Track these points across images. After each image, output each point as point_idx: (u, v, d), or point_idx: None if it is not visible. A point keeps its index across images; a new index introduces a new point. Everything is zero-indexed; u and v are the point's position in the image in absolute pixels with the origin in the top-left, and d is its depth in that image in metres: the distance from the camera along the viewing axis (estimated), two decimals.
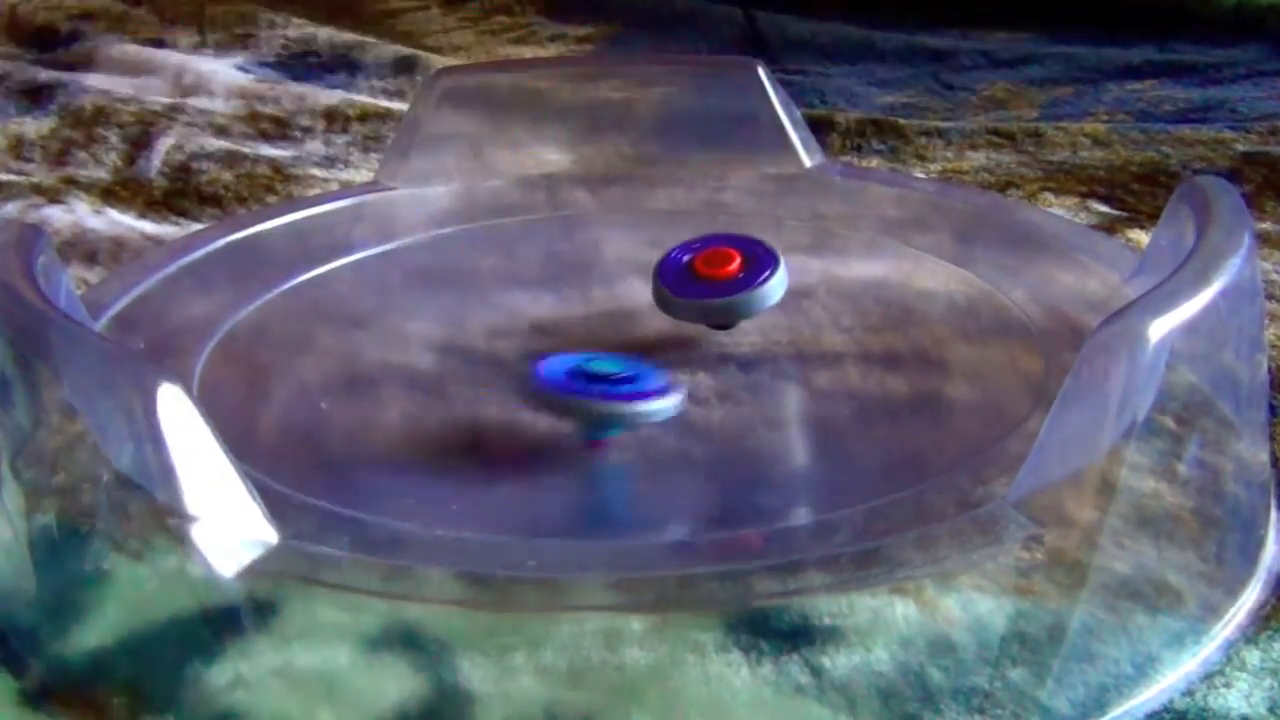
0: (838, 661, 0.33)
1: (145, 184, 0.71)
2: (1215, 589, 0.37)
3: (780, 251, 0.46)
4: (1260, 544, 0.40)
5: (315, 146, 0.77)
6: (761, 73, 0.59)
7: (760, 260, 0.45)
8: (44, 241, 0.43)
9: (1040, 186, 0.67)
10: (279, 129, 0.80)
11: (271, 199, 0.69)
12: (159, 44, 0.95)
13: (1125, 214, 0.64)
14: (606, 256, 0.54)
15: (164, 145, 0.76)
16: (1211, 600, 0.37)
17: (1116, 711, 0.34)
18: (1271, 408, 0.45)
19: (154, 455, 0.33)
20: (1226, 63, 0.86)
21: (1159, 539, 0.36)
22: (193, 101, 0.84)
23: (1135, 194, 0.66)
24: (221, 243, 0.54)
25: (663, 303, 0.46)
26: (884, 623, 0.34)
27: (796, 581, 0.33)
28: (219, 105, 0.83)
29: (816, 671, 0.33)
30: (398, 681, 0.33)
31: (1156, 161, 0.70)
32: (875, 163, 0.72)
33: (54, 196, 0.69)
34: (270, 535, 0.34)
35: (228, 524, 0.34)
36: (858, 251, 0.53)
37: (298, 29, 0.97)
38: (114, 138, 0.77)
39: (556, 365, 0.40)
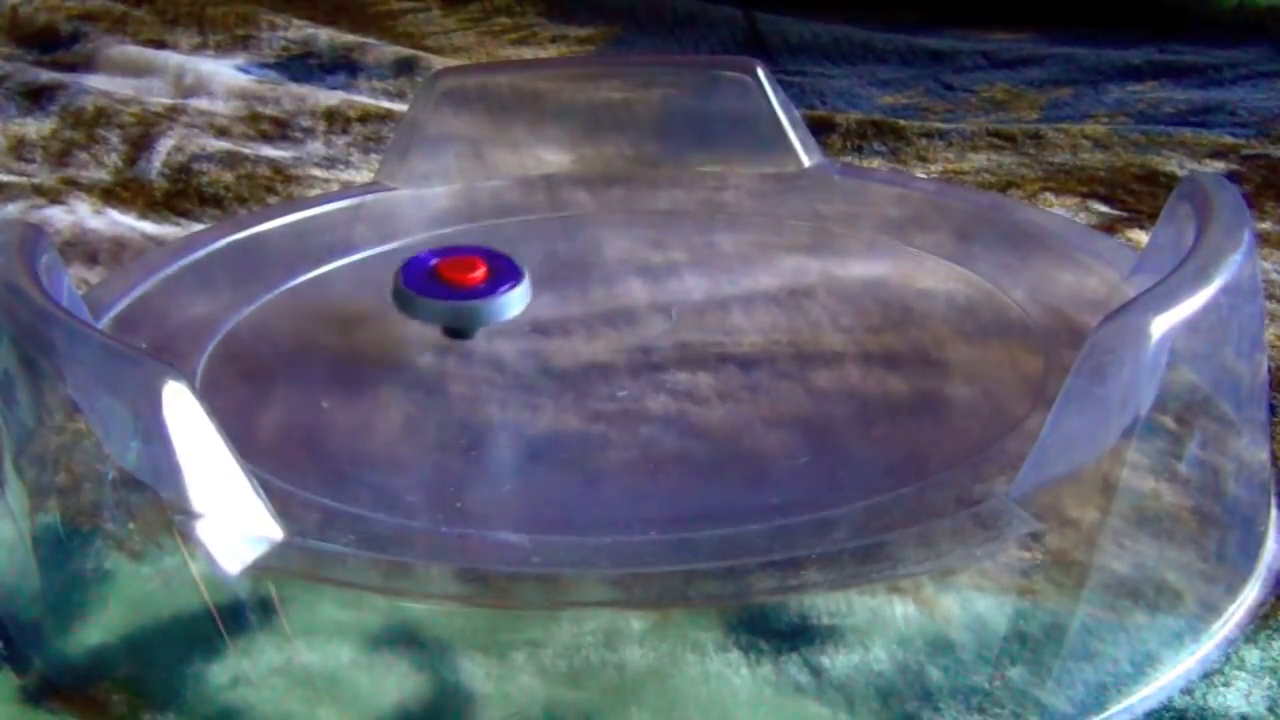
0: (837, 661, 0.33)
1: (146, 185, 0.71)
2: (1215, 588, 0.37)
3: (525, 268, 0.46)
4: (1260, 543, 0.40)
5: (316, 147, 0.77)
6: (761, 73, 0.59)
7: (504, 272, 0.46)
8: (46, 241, 0.43)
9: (1040, 187, 0.68)
10: (279, 130, 0.80)
11: (272, 199, 0.69)
12: (160, 45, 0.95)
13: (1125, 214, 0.64)
14: (606, 256, 0.54)
15: (165, 146, 0.76)
16: (1211, 599, 0.37)
17: (1116, 710, 0.34)
18: (1271, 407, 0.45)
19: (159, 452, 0.33)
20: (1227, 64, 0.86)
21: (1159, 538, 0.36)
22: (193, 102, 0.84)
23: (1135, 194, 0.67)
24: (222, 243, 0.54)
25: (402, 301, 0.45)
26: (883, 622, 0.34)
27: (798, 578, 0.33)
28: (219, 106, 0.83)
29: (816, 671, 0.33)
30: (398, 680, 0.33)
31: (1157, 162, 0.70)
32: (876, 164, 0.73)
33: (55, 197, 0.69)
34: (275, 532, 0.34)
35: (233, 521, 0.34)
36: (857, 251, 0.53)
37: (298, 30, 0.97)
38: (115, 139, 0.77)
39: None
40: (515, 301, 0.45)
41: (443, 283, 0.45)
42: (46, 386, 0.37)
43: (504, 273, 0.46)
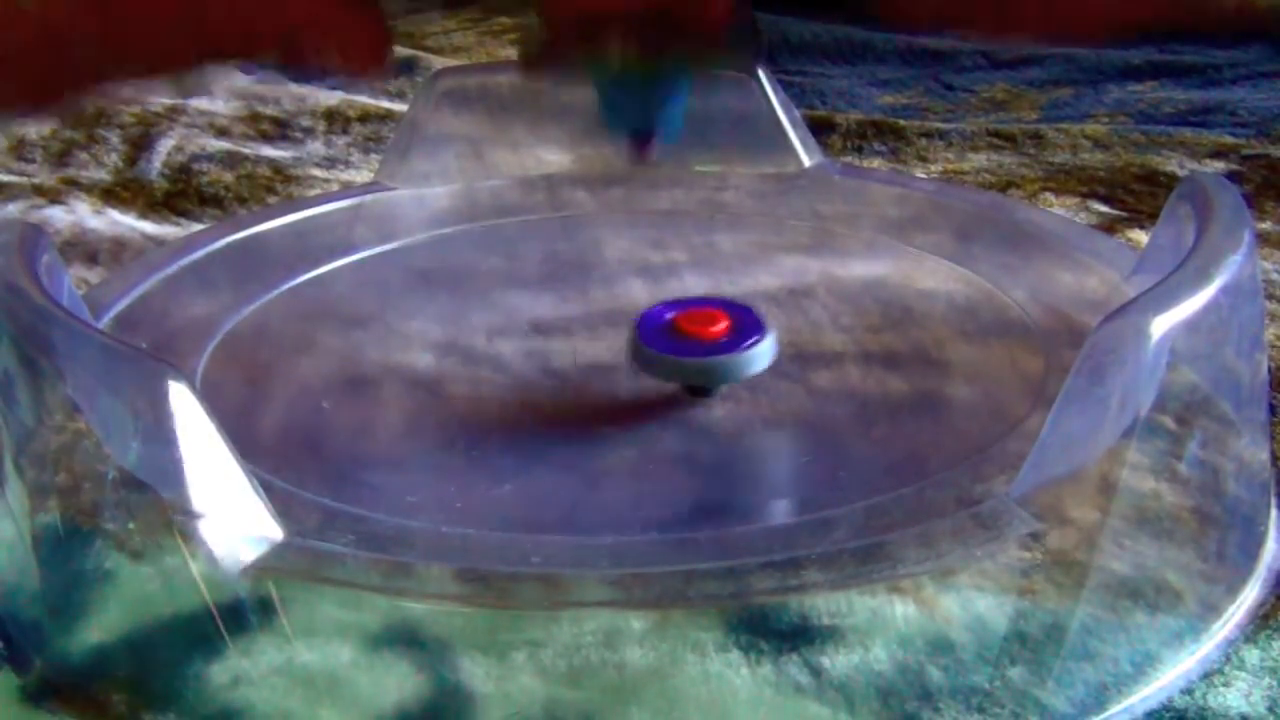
0: (837, 661, 0.33)
1: (146, 185, 0.71)
2: (1215, 588, 0.37)
3: (768, 317, 0.44)
4: (1260, 543, 0.40)
5: (316, 147, 0.77)
6: (761, 73, 0.59)
7: (746, 324, 0.43)
8: (46, 241, 0.43)
9: (1041, 187, 0.68)
10: (279, 130, 0.80)
11: (272, 200, 0.69)
12: None
13: (1125, 214, 0.64)
14: (606, 256, 0.54)
15: (165, 146, 0.76)
16: (1211, 599, 0.37)
17: (1116, 710, 0.34)
18: (1272, 407, 0.45)
19: (159, 452, 0.33)
20: (1227, 64, 0.86)
21: (1159, 538, 0.36)
22: (193, 102, 0.84)
23: (1135, 194, 0.67)
24: (222, 243, 0.54)
25: (640, 359, 0.43)
26: (883, 622, 0.34)
27: (798, 578, 0.33)
28: (219, 106, 0.83)
29: (816, 671, 0.33)
30: (399, 680, 0.33)
31: (1157, 162, 0.70)
32: (876, 164, 0.73)
33: (55, 197, 0.69)
34: (275, 532, 0.34)
35: (233, 521, 0.34)
36: (858, 251, 0.53)
37: None
38: (115, 139, 0.77)
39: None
40: (762, 356, 0.42)
41: (683, 338, 0.43)
42: (47, 386, 0.37)
43: (746, 324, 0.43)
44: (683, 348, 0.42)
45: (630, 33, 0.32)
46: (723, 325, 0.43)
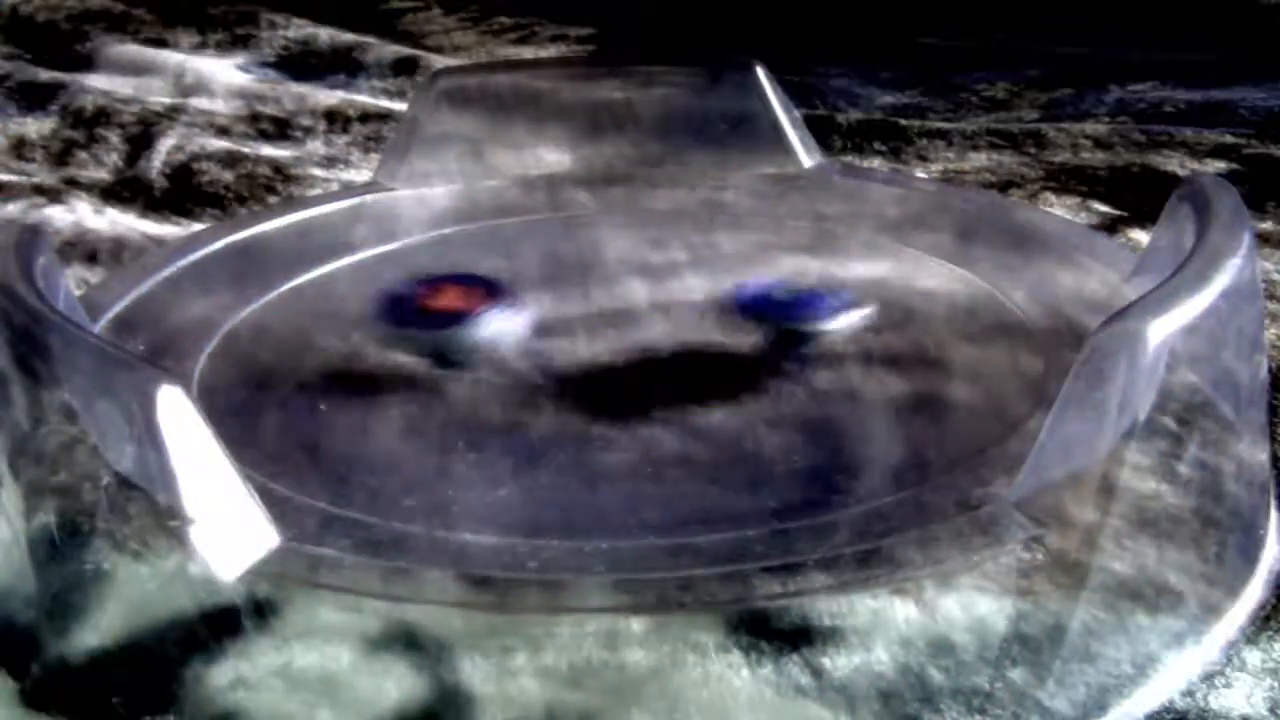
0: (838, 662, 0.33)
1: (146, 184, 0.71)
2: (1215, 589, 0.37)
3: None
4: (1260, 544, 0.40)
5: (316, 146, 0.77)
6: (760, 73, 0.59)
7: (489, 296, 0.46)
8: (43, 243, 0.43)
9: (1041, 187, 0.67)
10: (279, 129, 0.80)
11: (272, 199, 0.69)
12: (160, 44, 0.95)
13: (1126, 213, 0.64)
14: (606, 256, 0.54)
15: (165, 145, 0.76)
16: (1212, 600, 0.37)
17: (1117, 711, 0.34)
18: (1271, 408, 0.45)
19: (155, 458, 0.33)
20: (1227, 64, 0.86)
21: (1159, 539, 0.36)
22: (193, 102, 0.84)
23: (1136, 194, 0.67)
24: (221, 243, 0.54)
25: (385, 340, 0.46)
26: (884, 623, 0.34)
27: (797, 582, 0.33)
28: (220, 105, 0.83)
29: (817, 672, 0.33)
30: (398, 681, 0.33)
31: (1157, 162, 0.70)
32: (876, 163, 0.72)
33: (55, 196, 0.69)
34: (271, 537, 0.34)
35: (228, 526, 0.34)
36: (857, 251, 0.53)
37: (298, 29, 0.97)
38: (115, 138, 0.77)
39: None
40: (500, 325, 0.45)
41: (427, 314, 0.45)
42: (42, 391, 0.37)
43: (489, 297, 0.45)
44: (428, 323, 0.45)
45: None
46: (463, 300, 0.46)
